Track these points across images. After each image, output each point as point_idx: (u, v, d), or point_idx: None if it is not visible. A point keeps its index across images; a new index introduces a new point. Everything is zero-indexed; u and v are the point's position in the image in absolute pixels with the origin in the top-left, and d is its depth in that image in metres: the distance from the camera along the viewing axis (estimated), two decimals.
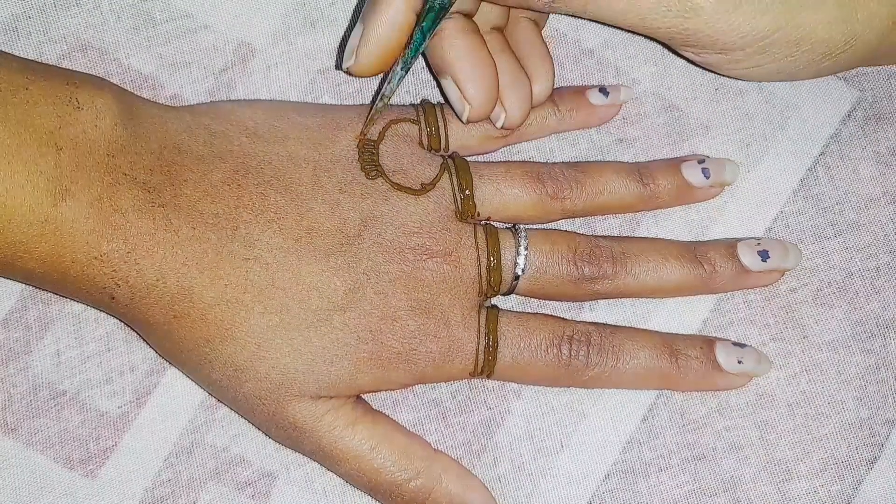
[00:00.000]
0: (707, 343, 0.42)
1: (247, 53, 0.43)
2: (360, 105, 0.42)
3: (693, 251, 0.42)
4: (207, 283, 0.37)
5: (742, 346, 0.42)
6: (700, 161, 0.43)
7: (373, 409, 0.40)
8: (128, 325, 0.40)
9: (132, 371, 0.41)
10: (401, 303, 0.39)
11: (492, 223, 0.41)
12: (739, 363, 0.41)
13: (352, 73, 0.38)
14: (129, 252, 0.36)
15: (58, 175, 0.35)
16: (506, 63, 0.40)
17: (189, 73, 0.43)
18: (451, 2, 0.37)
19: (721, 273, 0.41)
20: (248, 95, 0.43)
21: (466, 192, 0.40)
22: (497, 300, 0.42)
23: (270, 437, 0.41)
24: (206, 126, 0.39)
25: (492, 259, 0.40)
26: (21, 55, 0.40)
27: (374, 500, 0.41)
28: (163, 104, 0.40)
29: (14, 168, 0.35)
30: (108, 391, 0.41)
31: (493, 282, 0.40)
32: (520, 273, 0.40)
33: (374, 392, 0.40)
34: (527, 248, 0.40)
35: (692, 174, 0.42)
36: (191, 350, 0.38)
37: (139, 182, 0.37)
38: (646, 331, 0.42)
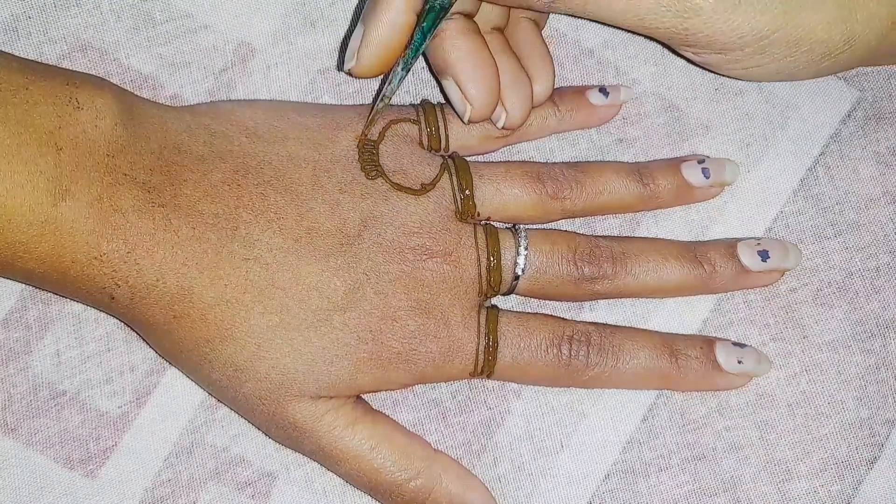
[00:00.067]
0: (707, 343, 0.42)
1: (247, 53, 0.43)
2: (360, 105, 0.42)
3: (693, 251, 0.42)
4: (207, 284, 0.37)
5: (742, 346, 0.42)
6: (700, 161, 0.43)
7: (373, 409, 0.40)
8: (128, 325, 0.40)
9: (132, 371, 0.41)
10: (401, 303, 0.39)
11: (492, 223, 0.41)
12: (739, 363, 0.41)
13: (353, 75, 0.38)
14: (129, 252, 0.36)
15: (58, 175, 0.35)
16: (506, 63, 0.40)
17: (189, 73, 0.43)
18: (452, 2, 0.37)
19: (721, 273, 0.41)
20: (248, 95, 0.43)
21: (466, 192, 0.40)
22: (497, 300, 0.42)
23: (270, 437, 0.41)
24: (206, 126, 0.39)
25: (492, 259, 0.40)
26: (21, 55, 0.40)
27: (374, 500, 0.41)
28: (163, 104, 0.40)
29: (14, 168, 0.35)
30: (108, 391, 0.41)
31: (493, 282, 0.40)
32: (520, 273, 0.40)
33: (374, 392, 0.40)
34: (527, 248, 0.40)
35: (692, 174, 0.42)
36: (191, 350, 0.38)
37: (139, 182, 0.37)
38: (646, 331, 0.42)
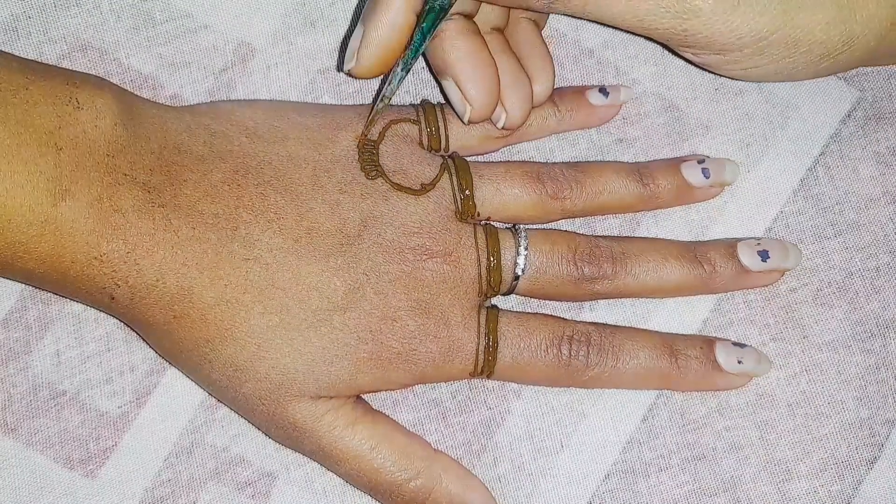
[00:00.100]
0: (707, 343, 0.42)
1: (247, 53, 0.43)
2: (360, 105, 0.42)
3: (693, 251, 0.42)
4: (207, 284, 0.37)
5: (742, 346, 0.42)
6: (700, 161, 0.43)
7: (373, 409, 0.40)
8: (128, 325, 0.40)
9: (132, 371, 0.41)
10: (401, 303, 0.39)
11: (492, 223, 0.41)
12: (739, 363, 0.41)
13: (353, 75, 0.38)
14: (129, 252, 0.36)
15: (58, 175, 0.35)
16: (506, 63, 0.40)
17: (189, 73, 0.43)
18: (451, 3, 0.37)
19: (721, 273, 0.41)
20: (248, 95, 0.43)
21: (466, 193, 0.40)
22: (497, 300, 0.42)
23: (270, 437, 0.41)
24: (206, 126, 0.39)
25: (492, 259, 0.40)
26: (21, 55, 0.40)
27: (374, 500, 0.41)
28: (163, 104, 0.40)
29: (14, 168, 0.35)
30: (108, 391, 0.41)
31: (493, 282, 0.40)
32: (520, 273, 0.40)
33: (374, 392, 0.40)
34: (527, 249, 0.40)
35: (692, 174, 0.42)
36: (191, 350, 0.38)
37: (139, 182, 0.37)
38: (646, 331, 0.42)
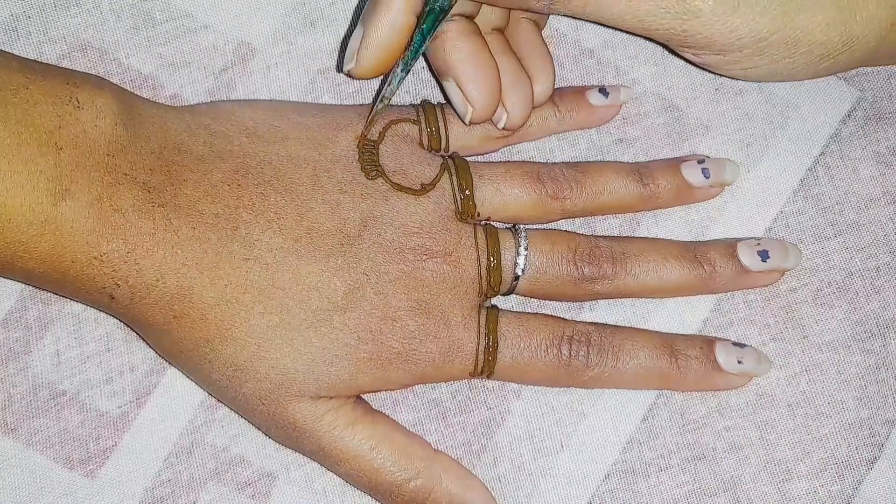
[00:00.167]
0: (707, 343, 0.42)
1: (247, 53, 0.43)
2: (360, 105, 0.42)
3: (693, 251, 0.42)
4: (207, 284, 0.37)
5: (742, 346, 0.42)
6: (700, 161, 0.43)
7: (373, 409, 0.40)
8: (128, 325, 0.40)
9: (132, 371, 0.41)
10: (401, 303, 0.39)
11: (492, 223, 0.41)
12: (739, 363, 0.41)
13: (353, 76, 0.38)
14: (129, 252, 0.36)
15: (58, 175, 0.35)
16: (507, 64, 0.40)
17: (189, 73, 0.43)
18: (451, 4, 0.37)
19: (721, 273, 0.41)
20: (248, 95, 0.43)
21: (466, 193, 0.40)
22: (497, 300, 0.42)
23: (270, 437, 0.41)
24: (206, 126, 0.39)
25: (492, 259, 0.40)
26: (21, 55, 0.40)
27: (374, 500, 0.41)
28: (163, 104, 0.40)
29: (14, 168, 0.35)
30: (108, 391, 0.41)
31: (493, 282, 0.40)
32: (520, 273, 0.40)
33: (374, 392, 0.40)
34: (527, 249, 0.40)
35: (692, 174, 0.42)
36: (191, 350, 0.38)
37: (139, 182, 0.37)
38: (646, 331, 0.42)
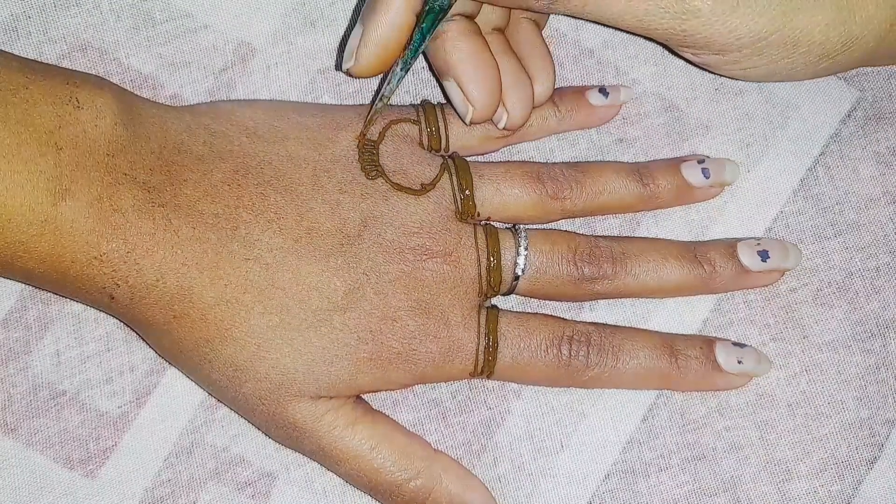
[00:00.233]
0: (707, 343, 0.42)
1: (247, 53, 0.43)
2: (360, 105, 0.42)
3: (693, 251, 0.42)
4: (207, 284, 0.37)
5: (742, 346, 0.42)
6: (700, 161, 0.43)
7: (373, 409, 0.40)
8: (128, 325, 0.40)
9: (132, 371, 0.41)
10: (401, 303, 0.39)
11: (492, 223, 0.41)
12: (739, 363, 0.41)
13: (352, 74, 0.38)
14: (129, 252, 0.36)
15: (58, 175, 0.35)
16: (508, 64, 0.40)
17: (189, 73, 0.43)
18: (451, 3, 0.37)
19: (721, 273, 0.41)
20: (248, 95, 0.43)
21: (466, 193, 0.40)
22: (497, 300, 0.42)
23: (270, 437, 0.41)
24: (206, 126, 0.39)
25: (492, 259, 0.40)
26: (21, 55, 0.40)
27: (374, 500, 0.41)
28: (163, 104, 0.40)
29: (14, 167, 0.35)
30: (108, 391, 0.41)
31: (493, 282, 0.40)
32: (520, 273, 0.40)
33: (374, 392, 0.40)
34: (527, 249, 0.40)
35: (692, 174, 0.42)
36: (191, 350, 0.38)
37: (139, 182, 0.37)
38: (645, 331, 0.42)
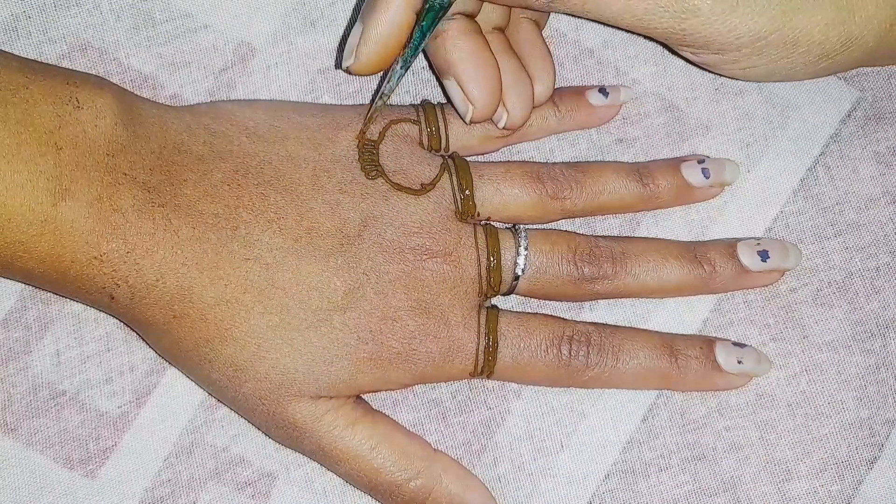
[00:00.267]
0: (707, 343, 0.42)
1: (247, 53, 0.43)
2: (360, 105, 0.42)
3: (693, 251, 0.42)
4: (207, 284, 0.37)
5: (742, 346, 0.42)
6: (700, 161, 0.43)
7: (373, 409, 0.40)
8: (128, 325, 0.40)
9: (132, 371, 0.41)
10: (401, 303, 0.39)
11: (492, 223, 0.41)
12: (739, 363, 0.41)
13: (351, 72, 0.38)
14: (129, 252, 0.36)
15: (58, 175, 0.35)
16: (508, 64, 0.40)
17: (189, 73, 0.43)
18: (451, 1, 0.37)
19: (721, 273, 0.41)
20: (248, 95, 0.43)
21: (466, 192, 0.40)
22: (497, 300, 0.42)
23: (270, 437, 0.41)
24: (206, 126, 0.39)
25: (492, 259, 0.40)
26: (21, 55, 0.40)
27: (374, 500, 0.41)
28: (163, 104, 0.40)
29: (14, 167, 0.35)
30: (108, 391, 0.41)
31: (493, 282, 0.40)
32: (520, 273, 0.40)
33: (374, 392, 0.40)
34: (527, 249, 0.40)
35: (692, 174, 0.42)
36: (190, 350, 0.38)
37: (139, 182, 0.37)
38: (645, 331, 0.42)
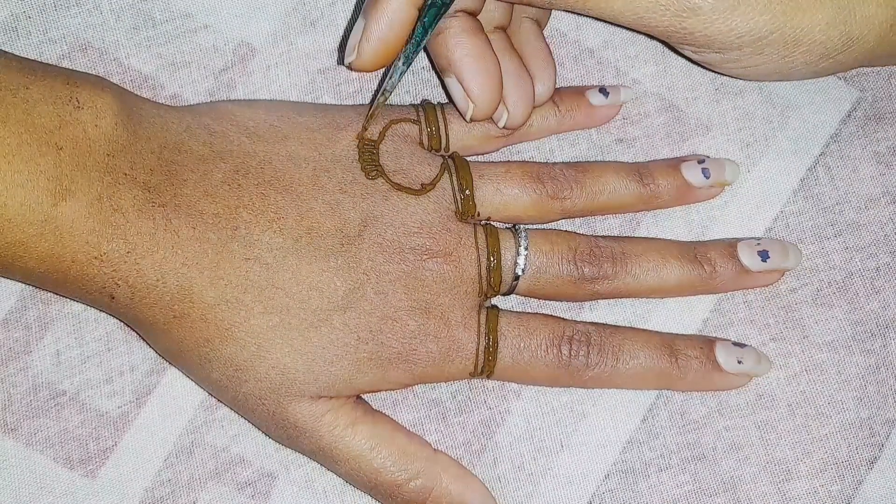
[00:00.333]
0: (707, 343, 0.42)
1: (247, 53, 0.43)
2: (361, 105, 0.42)
3: (693, 251, 0.42)
4: (207, 284, 0.37)
5: (742, 346, 0.42)
6: (700, 161, 0.43)
7: (373, 409, 0.40)
8: (128, 325, 0.40)
9: (132, 371, 0.41)
10: (401, 303, 0.39)
11: (492, 223, 0.41)
12: (739, 363, 0.41)
13: (353, 69, 0.38)
14: (129, 252, 0.36)
15: (58, 175, 0.35)
16: (509, 63, 0.40)
17: (189, 73, 0.43)
18: None
19: (721, 273, 0.41)
20: (248, 95, 0.43)
21: (466, 192, 0.40)
22: (497, 300, 0.42)
23: (270, 437, 0.41)
24: (207, 126, 0.39)
25: (492, 259, 0.40)
26: (21, 55, 0.40)
27: (374, 500, 0.41)
28: (163, 104, 0.40)
29: (14, 167, 0.35)
30: (108, 391, 0.41)
31: (494, 282, 0.40)
32: (520, 273, 0.40)
33: (374, 392, 0.40)
34: (527, 249, 0.40)
35: (692, 174, 0.42)
36: (191, 350, 0.38)
37: (139, 182, 0.37)
38: (645, 331, 0.42)
